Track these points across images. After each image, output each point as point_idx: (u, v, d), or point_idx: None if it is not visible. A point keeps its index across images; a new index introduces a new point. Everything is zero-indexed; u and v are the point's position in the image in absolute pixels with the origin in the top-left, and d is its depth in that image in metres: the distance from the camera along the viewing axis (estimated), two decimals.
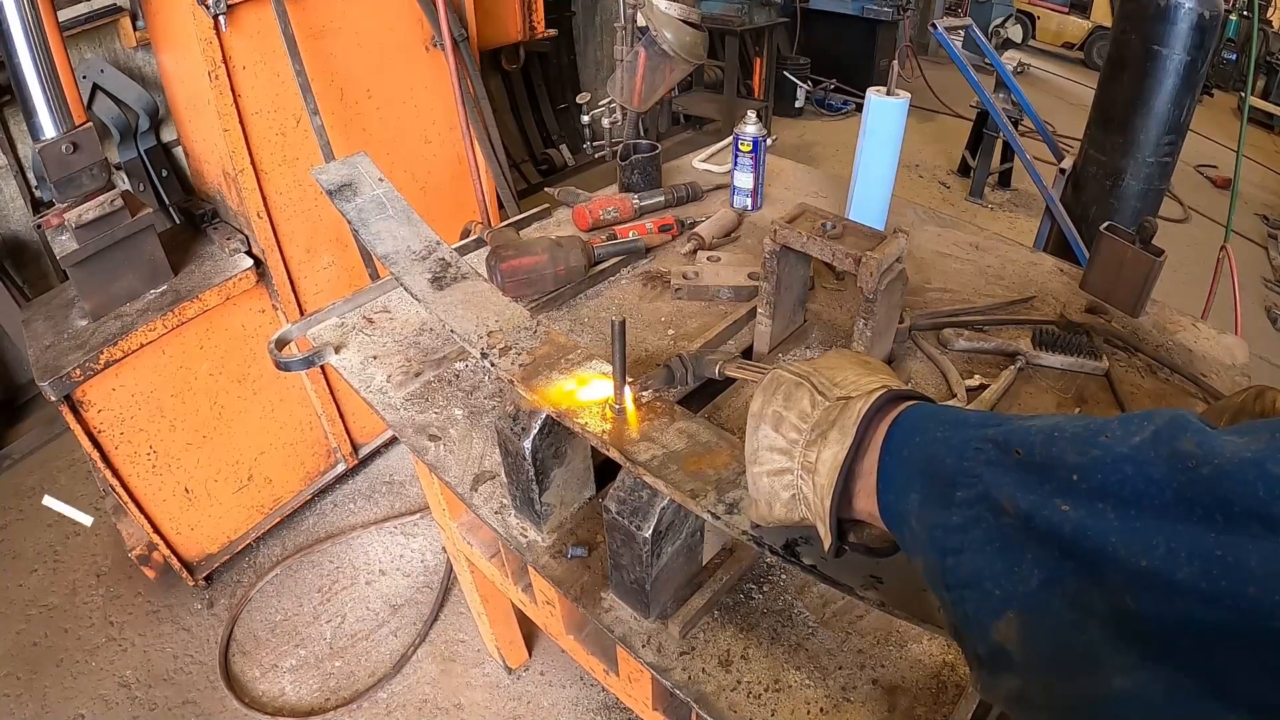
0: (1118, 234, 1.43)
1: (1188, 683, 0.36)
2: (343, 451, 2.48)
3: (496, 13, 2.69)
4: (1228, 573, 0.34)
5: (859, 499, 0.57)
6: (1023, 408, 1.20)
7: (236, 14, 1.77)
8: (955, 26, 3.35)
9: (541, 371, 0.91)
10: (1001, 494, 0.45)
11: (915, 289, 1.48)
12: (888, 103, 1.48)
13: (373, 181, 1.20)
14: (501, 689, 1.98)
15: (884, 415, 0.56)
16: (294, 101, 1.96)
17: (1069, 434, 0.44)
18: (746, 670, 0.85)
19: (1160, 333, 1.40)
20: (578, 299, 1.45)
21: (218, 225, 2.12)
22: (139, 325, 1.78)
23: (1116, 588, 0.38)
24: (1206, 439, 0.39)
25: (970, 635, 0.47)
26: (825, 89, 6.16)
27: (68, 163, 1.61)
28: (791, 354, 1.29)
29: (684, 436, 0.80)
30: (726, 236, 1.64)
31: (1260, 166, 5.67)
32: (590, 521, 1.01)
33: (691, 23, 1.67)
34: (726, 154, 1.92)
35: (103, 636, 2.08)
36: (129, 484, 1.93)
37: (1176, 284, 3.59)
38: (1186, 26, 2.12)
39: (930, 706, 0.81)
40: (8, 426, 2.75)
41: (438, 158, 2.41)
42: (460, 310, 1.04)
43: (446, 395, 1.21)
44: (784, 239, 1.14)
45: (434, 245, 1.14)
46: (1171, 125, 2.27)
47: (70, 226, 1.66)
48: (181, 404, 1.99)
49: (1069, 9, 8.61)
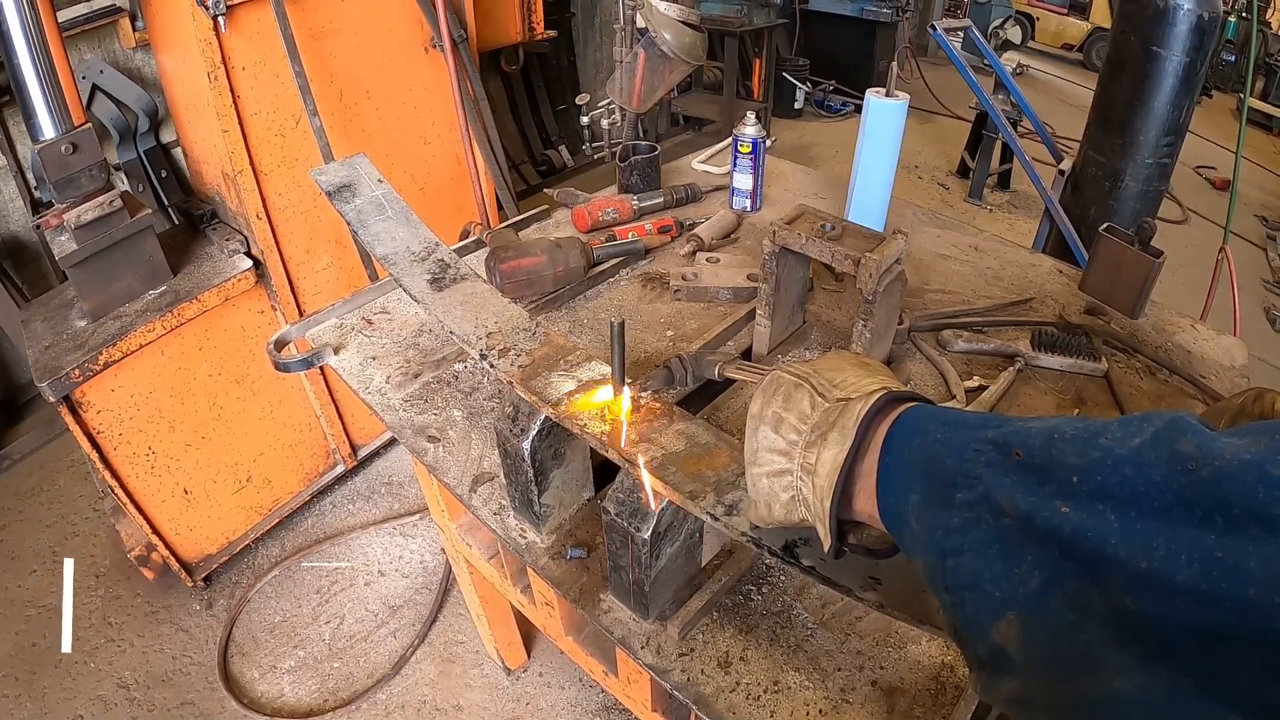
0: (1117, 235, 1.43)
1: (1188, 684, 0.36)
2: (342, 453, 2.48)
3: (496, 14, 2.69)
4: (1227, 575, 0.34)
5: (858, 500, 0.56)
6: (1022, 409, 1.20)
7: (236, 15, 1.77)
8: (954, 28, 3.36)
9: (540, 373, 0.91)
10: (1001, 495, 0.45)
11: (914, 290, 1.48)
12: (887, 104, 1.48)
13: (372, 182, 1.20)
14: (500, 690, 1.98)
15: (884, 417, 0.56)
16: (293, 102, 1.96)
17: (1069, 435, 0.44)
18: (745, 672, 0.85)
19: (1159, 334, 1.41)
20: (577, 300, 1.45)
21: (217, 226, 2.12)
22: (138, 326, 1.78)
23: (1116, 589, 0.38)
24: (1206, 441, 0.39)
25: (970, 636, 0.47)
26: (824, 90, 6.17)
27: (67, 163, 1.61)
28: (791, 355, 1.29)
29: (683, 438, 0.80)
30: (726, 238, 1.64)
31: (1259, 168, 5.68)
32: (589, 523, 1.01)
33: (691, 24, 1.67)
34: (726, 155, 1.92)
35: (101, 637, 2.07)
36: (128, 485, 1.93)
37: (1175, 285, 3.59)
38: (1185, 28, 2.12)
39: (929, 708, 0.81)
40: (7, 427, 2.74)
41: (437, 159, 2.41)
42: (459, 311, 1.04)
43: (445, 396, 1.21)
44: (783, 240, 1.14)
45: (433, 246, 1.14)
46: (1170, 126, 2.27)
47: (69, 227, 1.66)
48: (180, 405, 1.99)
49: (1068, 10, 8.63)
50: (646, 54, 1.74)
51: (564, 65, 4.74)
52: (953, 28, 3.34)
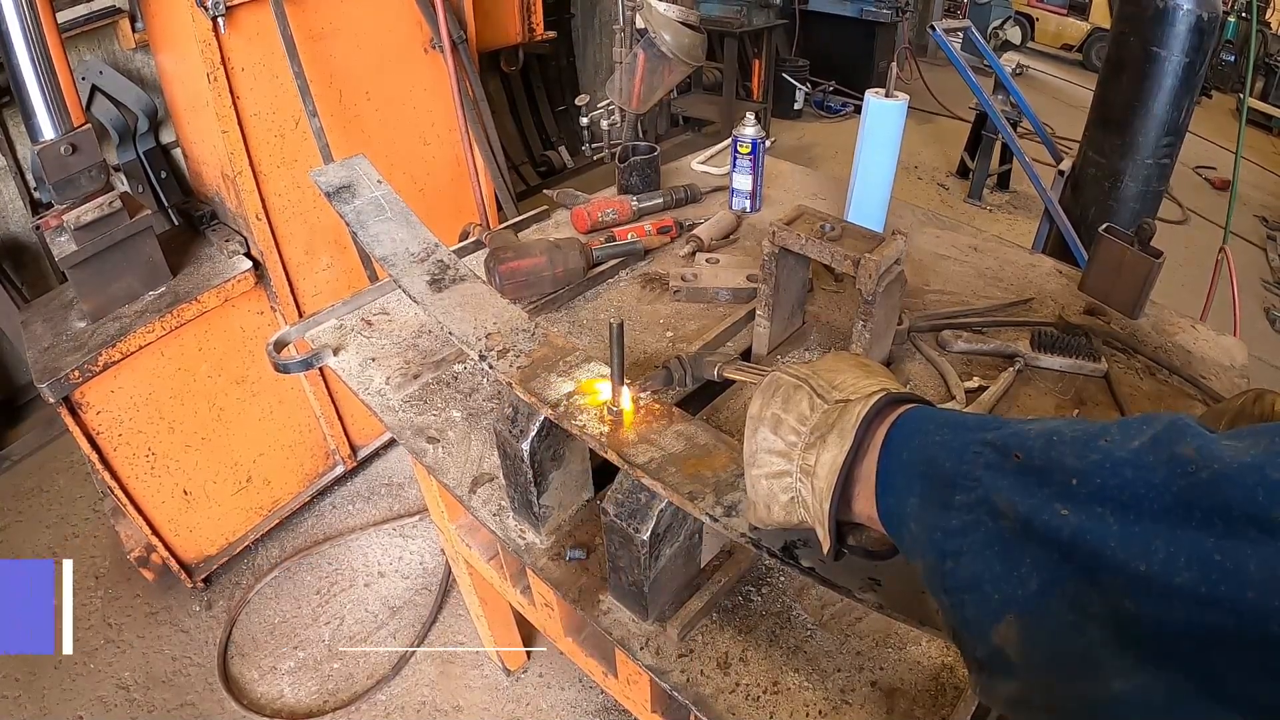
0: (1116, 235, 1.43)
1: (1187, 686, 0.36)
2: (341, 453, 2.48)
3: (495, 14, 2.69)
4: (1226, 577, 0.34)
5: (858, 502, 0.56)
6: (1021, 409, 1.20)
7: (235, 16, 1.77)
8: (954, 28, 3.36)
9: (540, 373, 0.91)
10: (1001, 497, 0.45)
11: (914, 291, 1.48)
12: (886, 105, 1.48)
13: (371, 183, 1.20)
14: (500, 691, 1.98)
15: (883, 418, 0.56)
16: (293, 103, 1.96)
17: (1068, 438, 0.44)
18: (745, 672, 0.85)
19: (1159, 334, 1.41)
20: (576, 301, 1.45)
21: (216, 227, 2.12)
22: (137, 327, 1.78)
23: (1116, 591, 0.38)
24: (1206, 443, 0.39)
25: (970, 638, 0.47)
26: (824, 91, 6.17)
27: (66, 164, 1.61)
28: (790, 356, 1.29)
29: (682, 439, 0.80)
30: (725, 238, 1.63)
31: (1259, 168, 5.67)
32: (589, 524, 1.01)
33: (690, 25, 1.67)
34: (725, 156, 1.92)
35: (101, 638, 2.07)
36: (127, 486, 1.92)
37: (1175, 285, 3.59)
38: (1185, 28, 2.12)
39: (929, 709, 0.81)
40: (7, 428, 2.74)
41: (436, 160, 2.41)
42: (458, 312, 1.04)
43: (445, 397, 1.21)
44: (783, 241, 1.14)
45: (432, 247, 1.14)
46: (1170, 127, 2.27)
47: (69, 228, 1.66)
48: (180, 406, 1.99)
49: (1067, 11, 8.62)
50: (646, 55, 1.74)
51: (564, 66, 4.74)
52: (952, 28, 3.34)
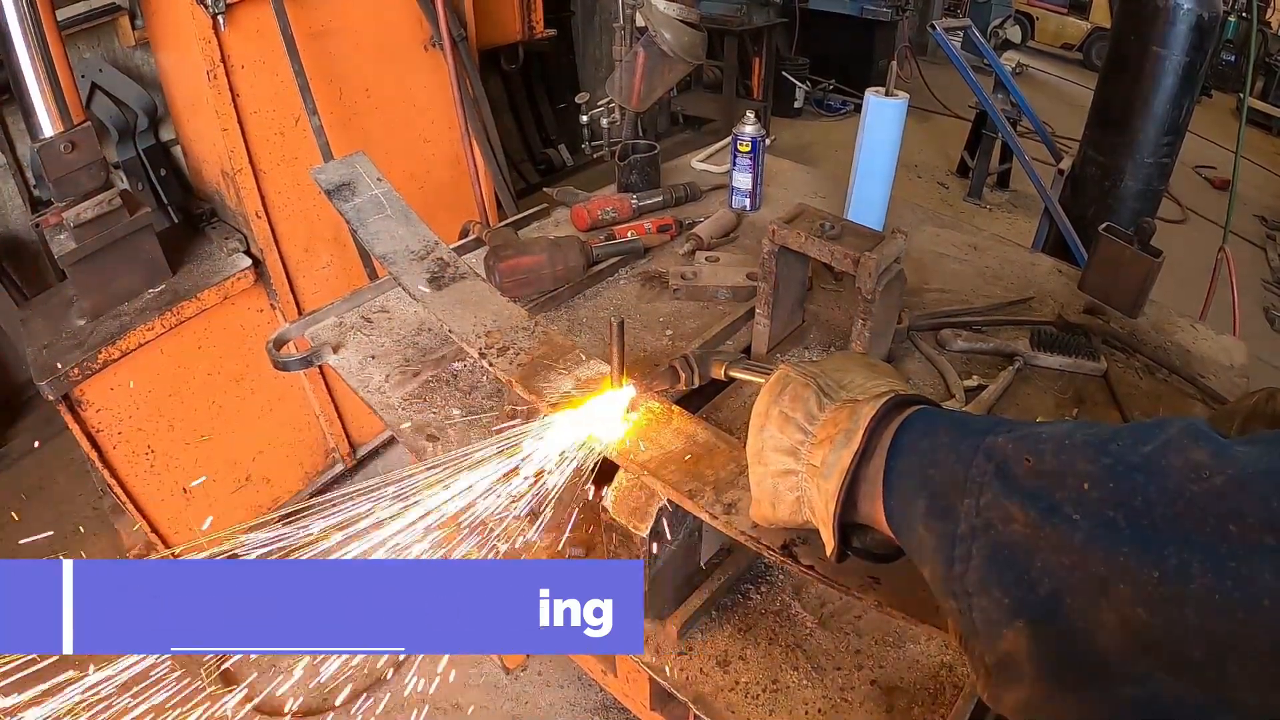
0: (1116, 235, 1.43)
1: (1198, 694, 0.36)
2: (341, 451, 2.47)
3: (495, 12, 2.69)
4: (1240, 585, 0.34)
5: (864, 504, 0.56)
6: (1021, 409, 1.20)
7: (235, 13, 1.77)
8: (954, 27, 3.36)
9: (539, 372, 0.91)
10: (1011, 501, 0.44)
11: (913, 289, 1.47)
12: (886, 103, 1.48)
13: (371, 181, 1.20)
14: (499, 689, 1.98)
15: (890, 420, 0.55)
16: (293, 101, 1.95)
17: (1080, 442, 0.43)
18: (744, 670, 0.85)
19: (1159, 333, 1.41)
20: (576, 299, 1.45)
21: (216, 225, 2.11)
22: (137, 325, 1.77)
23: (1127, 598, 0.37)
24: (1220, 449, 0.38)
25: (978, 644, 0.46)
26: (824, 89, 6.16)
27: (66, 162, 1.60)
28: (790, 354, 1.29)
29: (682, 437, 0.80)
30: (725, 237, 1.63)
31: (1259, 168, 5.67)
32: (588, 522, 1.01)
33: (690, 23, 1.67)
34: (725, 154, 1.92)
35: None
36: (127, 483, 1.92)
37: (1175, 285, 3.56)
38: (1185, 27, 2.12)
39: (928, 707, 0.81)
40: (6, 426, 2.74)
41: (436, 157, 2.41)
42: (458, 310, 1.04)
43: (444, 395, 1.21)
44: (782, 239, 1.14)
45: (432, 245, 1.14)
46: (1170, 126, 2.27)
47: (68, 226, 1.65)
48: (180, 403, 1.99)
49: (1068, 10, 8.61)
50: (646, 53, 1.73)
51: (564, 64, 4.73)
52: (952, 27, 3.34)
